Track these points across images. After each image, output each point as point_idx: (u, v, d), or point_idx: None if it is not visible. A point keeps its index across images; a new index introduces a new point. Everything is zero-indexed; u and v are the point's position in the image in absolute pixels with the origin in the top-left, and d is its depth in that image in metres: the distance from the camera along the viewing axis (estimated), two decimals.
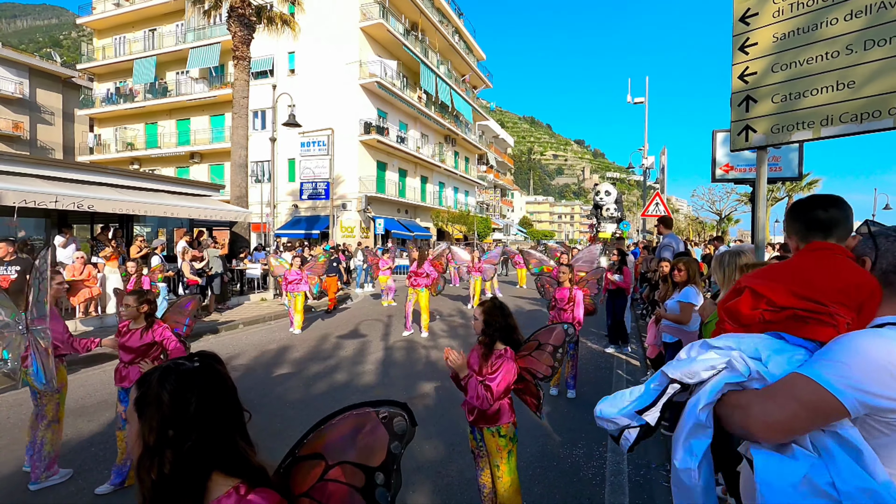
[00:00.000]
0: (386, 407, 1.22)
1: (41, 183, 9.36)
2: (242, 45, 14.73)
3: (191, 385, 1.04)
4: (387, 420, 1.21)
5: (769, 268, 1.50)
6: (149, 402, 1.02)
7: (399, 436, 1.21)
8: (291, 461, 1.19)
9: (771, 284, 1.35)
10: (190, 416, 1.01)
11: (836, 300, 1.25)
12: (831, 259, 1.35)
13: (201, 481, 1.01)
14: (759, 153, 3.39)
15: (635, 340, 8.52)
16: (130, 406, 1.05)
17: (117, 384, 3.60)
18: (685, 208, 69.38)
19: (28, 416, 4.72)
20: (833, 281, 1.27)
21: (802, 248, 1.48)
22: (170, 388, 1.02)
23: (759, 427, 1.16)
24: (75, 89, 35.05)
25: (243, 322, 10.08)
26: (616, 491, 3.59)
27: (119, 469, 3.56)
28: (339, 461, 1.18)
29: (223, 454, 1.04)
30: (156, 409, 1.01)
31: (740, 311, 1.39)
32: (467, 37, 37.56)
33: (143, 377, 1.07)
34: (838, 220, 1.46)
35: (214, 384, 1.08)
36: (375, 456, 1.19)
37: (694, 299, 4.27)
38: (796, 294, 1.29)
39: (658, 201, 12.39)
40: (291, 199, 26.87)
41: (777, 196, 27.59)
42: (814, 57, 2.89)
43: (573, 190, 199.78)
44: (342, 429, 1.21)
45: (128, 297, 3.56)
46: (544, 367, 2.77)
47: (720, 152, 6.82)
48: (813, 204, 1.52)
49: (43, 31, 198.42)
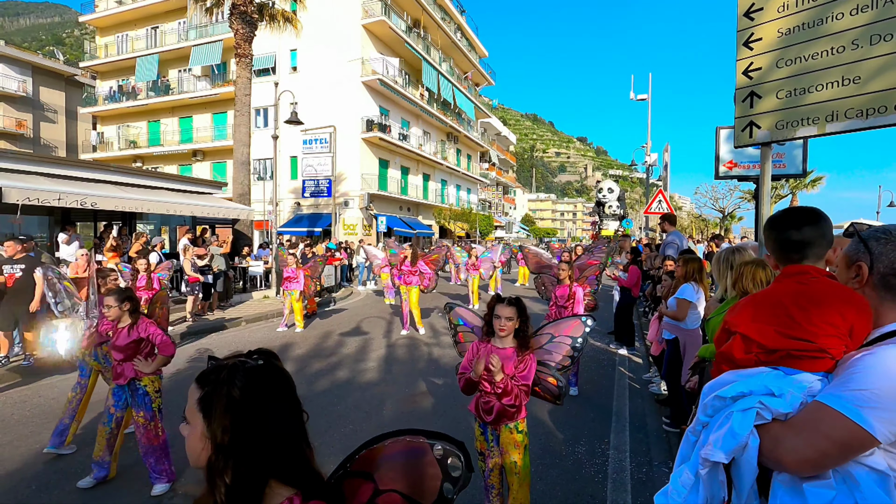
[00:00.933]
0: (442, 443, 1.17)
1: (44, 181, 9.39)
2: (244, 43, 14.72)
3: (260, 382, 1.01)
4: (441, 458, 1.15)
5: (752, 303, 1.43)
6: (218, 400, 0.98)
7: (453, 479, 1.14)
8: (343, 474, 1.15)
9: (759, 327, 1.33)
10: (260, 414, 0.98)
11: (822, 333, 1.22)
12: (809, 287, 1.31)
13: (261, 486, 0.98)
14: (763, 150, 3.36)
15: (638, 337, 8.50)
16: (192, 406, 1.01)
17: (113, 381, 3.61)
18: (688, 206, 69.13)
19: (31, 413, 4.72)
20: (815, 314, 1.25)
21: (779, 274, 1.45)
22: (240, 386, 0.99)
23: (790, 462, 1.14)
24: (78, 87, 35.14)
25: (246, 319, 10.10)
26: (618, 488, 3.59)
27: (99, 463, 3.56)
28: (389, 489, 1.12)
29: (286, 457, 1.00)
30: (226, 408, 0.97)
31: (735, 357, 1.38)
32: (469, 34, 37.46)
33: (205, 375, 1.03)
34: (812, 239, 1.41)
35: (281, 382, 1.05)
36: (426, 494, 1.13)
37: (691, 296, 4.27)
38: (784, 335, 1.27)
39: (661, 198, 12.36)
40: (294, 197, 26.89)
41: (781, 193, 27.45)
42: (819, 52, 2.87)
43: (575, 187, 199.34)
44: (394, 453, 1.16)
45: (108, 299, 3.51)
46: (560, 358, 2.78)
47: (723, 149, 6.78)
48: (786, 223, 1.47)
49: (46, 29, 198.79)
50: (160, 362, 3.59)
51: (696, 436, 1.40)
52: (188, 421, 1.02)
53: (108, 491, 3.51)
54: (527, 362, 2.62)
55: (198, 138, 29.65)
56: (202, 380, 1.03)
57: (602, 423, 4.81)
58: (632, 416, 5.00)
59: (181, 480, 3.65)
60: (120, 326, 3.55)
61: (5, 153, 9.76)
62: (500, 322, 2.62)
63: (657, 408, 5.23)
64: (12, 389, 5.75)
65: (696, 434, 1.40)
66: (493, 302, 2.72)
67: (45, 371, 6.39)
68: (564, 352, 2.81)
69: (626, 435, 4.53)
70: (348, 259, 17.57)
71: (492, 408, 2.63)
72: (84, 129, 34.44)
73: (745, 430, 1.20)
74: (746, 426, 1.21)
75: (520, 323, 2.65)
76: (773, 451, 1.16)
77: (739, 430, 1.21)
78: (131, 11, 30.64)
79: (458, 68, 36.18)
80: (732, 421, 1.24)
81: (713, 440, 1.26)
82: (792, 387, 1.22)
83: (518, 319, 2.65)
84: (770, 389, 1.23)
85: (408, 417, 4.93)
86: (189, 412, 1.02)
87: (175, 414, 4.99)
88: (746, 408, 1.24)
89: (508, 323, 2.62)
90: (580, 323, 2.83)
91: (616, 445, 4.29)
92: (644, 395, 5.68)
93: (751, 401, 1.24)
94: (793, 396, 1.20)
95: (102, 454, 3.56)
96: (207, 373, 1.04)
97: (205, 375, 1.03)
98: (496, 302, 2.70)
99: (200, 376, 1.04)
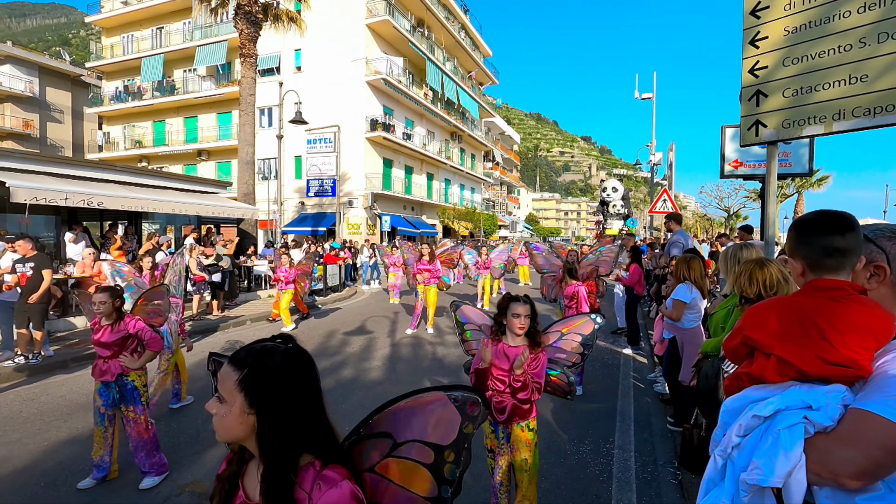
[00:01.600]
0: (459, 391, 1.26)
1: (51, 180, 9.45)
2: (249, 43, 14.77)
3: (294, 361, 1.12)
4: (459, 403, 1.25)
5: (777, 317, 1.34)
6: (260, 379, 1.07)
7: (472, 417, 1.25)
8: (356, 439, 1.26)
9: (796, 350, 1.26)
10: (297, 389, 1.09)
11: (860, 357, 1.20)
12: (846, 308, 1.24)
13: (298, 454, 1.08)
14: (769, 148, 3.35)
15: (643, 337, 8.48)
16: (230, 386, 1.08)
17: (98, 378, 3.56)
18: (693, 205, 68.85)
19: (39, 411, 4.80)
20: (852, 338, 1.20)
21: (810, 285, 1.34)
22: (279, 365, 1.09)
23: (846, 475, 1.09)
24: (84, 87, 35.37)
25: (251, 318, 10.14)
26: (623, 487, 3.58)
27: (98, 464, 3.57)
28: (408, 440, 1.23)
29: (316, 427, 1.11)
30: (270, 385, 1.07)
31: (767, 378, 1.32)
32: (473, 33, 37.43)
33: (240, 358, 1.11)
34: (854, 248, 1.29)
35: (309, 361, 1.16)
36: (446, 435, 1.24)
37: (684, 297, 4.27)
38: (826, 361, 1.22)
39: (665, 198, 12.32)
40: (298, 197, 26.96)
41: (787, 192, 27.32)
42: (826, 50, 2.86)
43: (580, 187, 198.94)
44: (411, 409, 1.26)
45: (100, 295, 3.53)
46: (570, 356, 2.82)
47: (729, 148, 6.77)
48: (828, 227, 1.30)
49: (52, 29, 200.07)
50: (147, 357, 3.64)
51: (725, 458, 1.32)
52: (225, 400, 1.08)
53: (113, 488, 3.54)
54: (539, 360, 2.64)
55: (202, 138, 29.78)
56: (238, 362, 1.10)
57: (607, 423, 4.80)
58: (637, 416, 4.99)
59: (173, 474, 3.68)
60: (104, 323, 3.56)
61: (13, 153, 9.83)
62: (519, 320, 2.62)
63: (662, 407, 5.22)
64: (21, 387, 5.80)
65: (726, 456, 1.31)
66: (507, 301, 2.71)
67: (53, 369, 6.45)
68: (574, 349, 2.83)
69: (631, 434, 4.53)
70: (352, 258, 17.60)
71: (504, 407, 2.65)
72: (90, 129, 34.69)
73: (798, 448, 1.14)
74: (798, 444, 1.15)
75: (531, 321, 2.67)
76: (824, 465, 1.11)
77: (792, 450, 1.14)
78: (137, 12, 30.80)
79: (462, 67, 36.17)
80: (781, 440, 1.17)
81: (760, 464, 1.18)
82: (828, 398, 1.18)
83: (528, 317, 2.66)
84: (808, 403, 1.19)
85: None
86: (227, 392, 1.08)
87: (169, 410, 5.02)
88: (792, 424, 1.17)
89: (526, 321, 2.63)
90: (590, 320, 2.85)
91: (621, 444, 4.29)
92: (649, 395, 5.67)
93: (794, 416, 1.19)
94: (831, 408, 1.16)
95: (102, 454, 3.58)
96: (242, 355, 1.11)
97: (240, 358, 1.11)
98: (510, 301, 2.70)
99: (234, 359, 1.11)
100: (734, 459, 1.28)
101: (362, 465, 1.24)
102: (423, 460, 1.23)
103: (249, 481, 1.14)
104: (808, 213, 1.40)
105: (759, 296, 2.44)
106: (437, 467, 1.23)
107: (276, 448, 1.06)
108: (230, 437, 1.10)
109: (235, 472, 1.16)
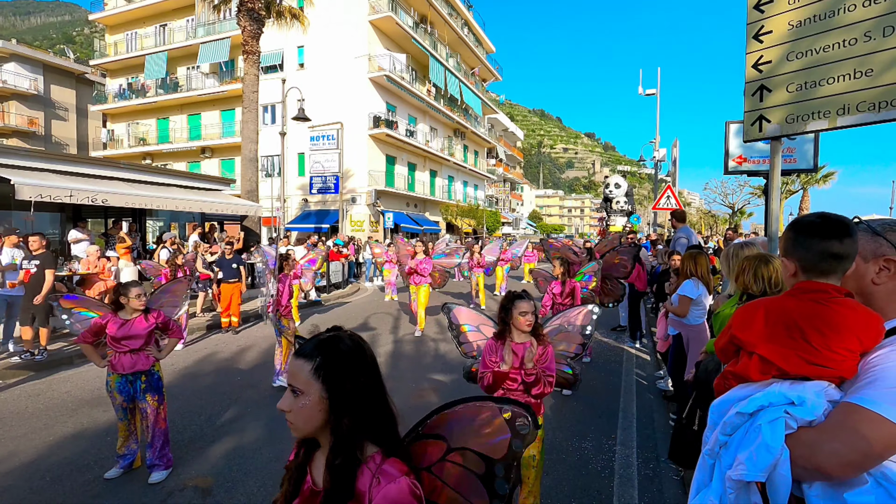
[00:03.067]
0: (509, 406, 1.27)
1: (56, 178, 9.50)
2: (252, 40, 14.77)
3: (361, 346, 1.19)
4: (510, 419, 1.25)
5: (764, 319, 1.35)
6: (334, 364, 1.12)
7: (521, 435, 1.25)
8: (414, 437, 1.28)
9: (779, 350, 1.28)
10: (367, 376, 1.15)
11: (840, 358, 1.21)
12: (828, 310, 1.25)
13: (363, 441, 1.13)
14: (773, 144, 3.33)
15: (646, 334, 8.47)
16: (305, 377, 1.11)
17: (125, 370, 3.56)
18: (697, 201, 68.59)
19: (44, 406, 4.87)
20: (834, 339, 1.22)
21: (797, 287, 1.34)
22: (350, 349, 1.15)
23: (832, 467, 1.10)
24: (88, 85, 35.46)
25: (254, 314, 10.18)
26: (625, 484, 3.58)
27: (124, 455, 3.67)
28: (461, 446, 1.25)
29: (381, 412, 1.16)
30: (343, 369, 1.12)
31: (751, 377, 1.34)
32: (476, 29, 37.29)
33: (308, 350, 1.14)
34: (851, 253, 1.29)
35: (369, 347, 1.22)
36: (496, 449, 1.24)
37: (691, 293, 4.26)
38: (806, 360, 1.24)
39: (669, 194, 12.25)
40: (301, 194, 26.99)
41: (791, 189, 27.16)
42: (831, 44, 2.84)
43: (583, 183, 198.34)
44: (465, 416, 1.28)
45: (135, 289, 3.66)
46: (572, 347, 2.90)
47: (733, 143, 6.73)
48: (828, 231, 1.30)
49: (56, 27, 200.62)
50: (172, 346, 3.87)
51: (713, 458, 1.33)
52: (301, 391, 1.11)
53: (118, 482, 3.56)
54: (548, 353, 2.67)
55: (206, 135, 29.82)
56: (307, 354, 1.14)
57: (609, 419, 4.80)
58: (639, 413, 4.99)
59: (177, 469, 3.71)
60: (132, 317, 3.64)
61: (18, 151, 9.89)
62: (526, 318, 2.64)
63: (664, 404, 5.21)
64: (27, 383, 5.85)
65: (714, 456, 1.32)
66: (511, 299, 2.72)
67: (58, 365, 6.50)
68: (576, 340, 2.87)
69: (634, 431, 4.52)
70: (355, 255, 17.63)
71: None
72: (94, 126, 34.79)
73: (779, 441, 1.16)
74: (778, 438, 1.16)
75: (535, 318, 2.69)
76: (810, 458, 1.12)
77: (773, 443, 1.16)
78: (140, 9, 30.81)
79: (466, 64, 36.05)
80: (763, 434, 1.19)
81: (743, 459, 1.20)
82: (810, 393, 1.20)
83: (534, 313, 2.69)
84: (790, 399, 1.20)
85: (416, 411, 4.93)
86: (302, 383, 1.11)
87: (176, 403, 5.04)
88: (773, 419, 1.19)
89: (532, 317, 2.65)
90: (588, 311, 2.90)
91: (623, 441, 4.29)
92: (651, 392, 5.67)
93: (775, 411, 1.20)
94: (814, 403, 1.17)
95: (129, 443, 3.69)
96: (309, 348, 1.15)
97: (308, 350, 1.15)
98: (515, 299, 2.70)
99: (301, 353, 1.15)
100: (721, 458, 1.30)
101: (421, 463, 1.25)
102: (475, 470, 1.24)
103: (316, 469, 1.18)
104: (808, 215, 1.39)
105: (763, 292, 2.43)
106: (488, 480, 1.24)
107: (345, 431, 1.10)
108: (310, 429, 1.13)
109: (303, 462, 1.20)
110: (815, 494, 1.15)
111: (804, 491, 1.17)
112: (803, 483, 1.17)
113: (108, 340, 3.60)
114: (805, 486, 1.17)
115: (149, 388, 3.64)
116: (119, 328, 3.58)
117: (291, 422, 1.12)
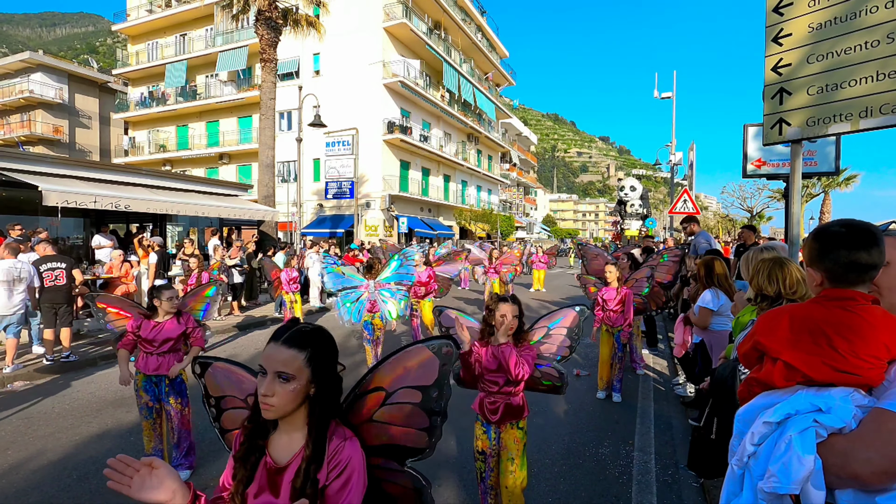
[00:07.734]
0: (432, 341, 1.50)
1: (81, 184, 9.77)
2: (269, 48, 15.04)
3: (334, 342, 1.37)
4: (435, 349, 1.48)
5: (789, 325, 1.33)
6: (323, 354, 1.30)
7: (447, 357, 1.48)
8: (353, 398, 1.51)
9: (804, 357, 1.26)
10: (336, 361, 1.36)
11: (867, 366, 1.19)
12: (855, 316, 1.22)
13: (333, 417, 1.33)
14: (793, 147, 3.30)
15: (663, 340, 8.38)
16: (298, 364, 1.23)
17: (151, 371, 3.64)
18: (714, 205, 67.56)
19: (70, 407, 4.99)
20: (860, 346, 1.20)
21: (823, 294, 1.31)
22: (331, 342, 1.34)
23: (867, 475, 1.08)
24: (111, 94, 36.38)
25: (271, 319, 10.31)
26: (643, 490, 3.55)
27: (152, 454, 3.72)
28: (397, 388, 1.48)
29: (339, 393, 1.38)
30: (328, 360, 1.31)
31: (775, 383, 1.33)
32: (490, 34, 37.40)
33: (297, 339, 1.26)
34: (879, 263, 1.25)
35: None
36: (428, 376, 1.48)
37: (710, 304, 4.21)
38: (832, 367, 1.22)
39: (686, 198, 12.12)
40: (317, 199, 27.28)
41: (812, 192, 26.62)
42: (852, 46, 2.81)
43: (598, 187, 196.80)
44: (397, 360, 1.50)
45: (169, 292, 3.75)
46: (559, 349, 2.90)
47: (752, 147, 6.65)
48: (855, 242, 1.25)
49: (80, 38, 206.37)
50: (194, 353, 3.78)
51: (742, 468, 1.31)
52: (292, 377, 1.23)
53: None
54: (526, 355, 2.67)
55: (224, 142, 30.36)
56: (298, 343, 1.26)
57: (627, 425, 4.76)
58: (657, 418, 4.94)
59: (198, 470, 3.78)
60: (164, 318, 3.73)
61: (45, 158, 10.21)
62: (506, 320, 2.66)
63: (682, 409, 5.15)
64: (52, 384, 6.01)
65: (743, 466, 1.31)
66: (495, 302, 2.77)
67: (83, 367, 6.66)
68: (562, 343, 2.90)
69: (652, 436, 4.48)
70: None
71: (497, 408, 2.69)
72: (116, 133, 35.65)
73: (811, 451, 1.14)
74: (810, 448, 1.14)
75: (518, 320, 2.70)
76: (844, 467, 1.10)
77: (805, 454, 1.14)
78: (161, 20, 31.58)
79: (479, 69, 36.15)
80: (794, 446, 1.16)
81: (775, 471, 1.18)
82: (837, 400, 1.18)
83: (517, 317, 2.70)
84: (817, 405, 1.19)
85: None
86: (295, 370, 1.23)
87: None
88: (804, 428, 1.17)
89: (514, 321, 2.66)
90: (575, 313, 2.93)
91: (641, 447, 4.25)
92: (669, 397, 5.60)
93: (804, 420, 1.18)
94: (841, 409, 1.16)
95: (154, 444, 3.76)
96: (298, 336, 1.27)
97: (297, 339, 1.26)
98: (499, 301, 2.75)
99: (291, 340, 1.26)
100: (751, 469, 1.28)
101: (362, 417, 1.49)
102: (412, 401, 1.47)
103: (274, 448, 1.30)
104: (832, 224, 1.36)
105: (778, 294, 2.41)
106: (426, 403, 1.47)
107: (320, 412, 1.27)
108: (286, 412, 1.25)
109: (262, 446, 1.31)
110: (847, 500, 1.14)
111: (836, 496, 1.15)
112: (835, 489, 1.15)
113: (139, 341, 3.70)
114: (837, 492, 1.15)
115: (172, 391, 3.71)
116: (151, 330, 3.68)
117: (273, 405, 1.21)
